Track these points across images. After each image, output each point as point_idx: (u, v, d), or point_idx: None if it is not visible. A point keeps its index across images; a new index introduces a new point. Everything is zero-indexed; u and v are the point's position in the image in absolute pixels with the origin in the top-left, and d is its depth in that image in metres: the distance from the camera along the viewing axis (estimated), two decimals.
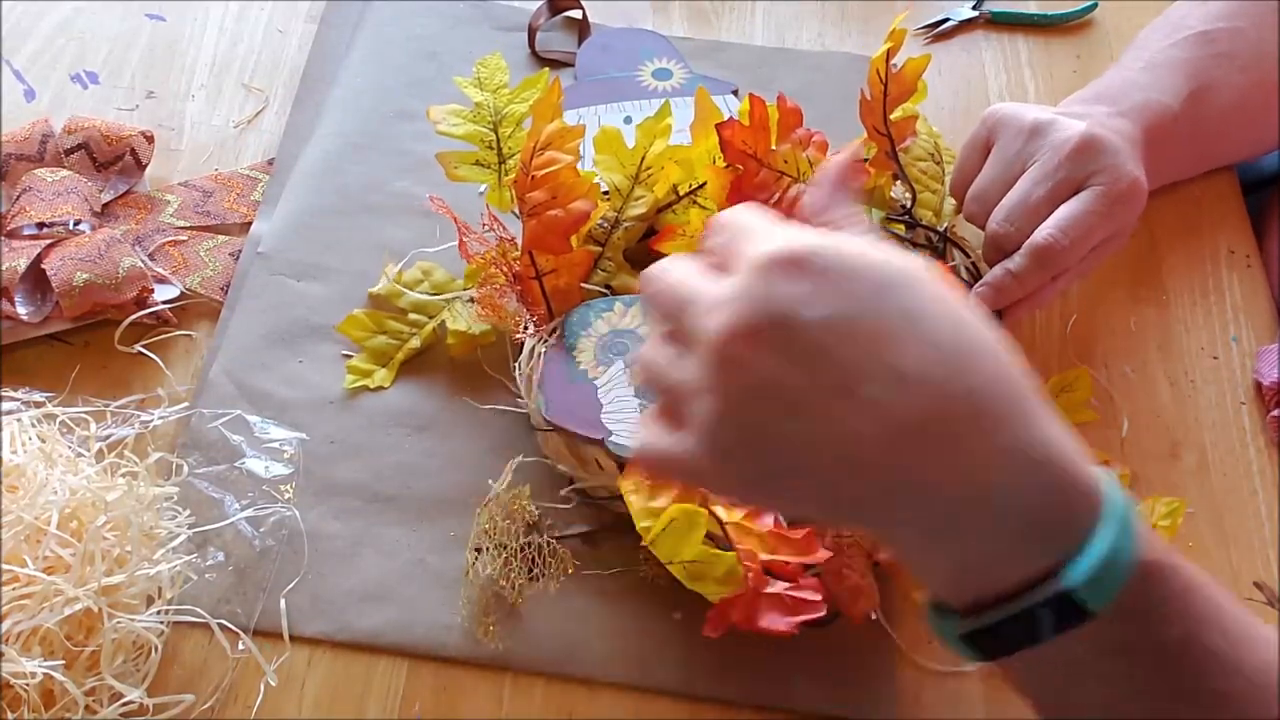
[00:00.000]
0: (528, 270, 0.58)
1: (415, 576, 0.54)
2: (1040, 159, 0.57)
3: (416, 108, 0.69)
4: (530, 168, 0.56)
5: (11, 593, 0.46)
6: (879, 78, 0.62)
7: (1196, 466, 0.61)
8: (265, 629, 0.52)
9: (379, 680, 0.52)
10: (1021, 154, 0.58)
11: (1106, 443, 0.62)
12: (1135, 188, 0.57)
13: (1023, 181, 0.57)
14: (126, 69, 0.70)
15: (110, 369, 0.58)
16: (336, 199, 0.66)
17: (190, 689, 0.50)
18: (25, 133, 0.64)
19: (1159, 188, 0.65)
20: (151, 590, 0.50)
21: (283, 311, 0.61)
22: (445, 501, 0.56)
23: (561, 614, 0.54)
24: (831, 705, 0.53)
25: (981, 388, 0.33)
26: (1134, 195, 0.57)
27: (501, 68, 0.62)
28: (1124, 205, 0.56)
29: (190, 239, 0.64)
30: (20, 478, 0.49)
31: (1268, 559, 0.59)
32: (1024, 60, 0.79)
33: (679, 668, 0.53)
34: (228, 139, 0.68)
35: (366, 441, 0.58)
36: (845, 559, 0.52)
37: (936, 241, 0.63)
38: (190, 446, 0.56)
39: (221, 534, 0.54)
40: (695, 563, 0.50)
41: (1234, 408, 0.64)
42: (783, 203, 0.61)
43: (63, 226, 0.61)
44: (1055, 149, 0.56)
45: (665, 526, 0.50)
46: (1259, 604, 0.57)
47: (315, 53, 0.72)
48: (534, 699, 0.52)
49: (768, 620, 0.48)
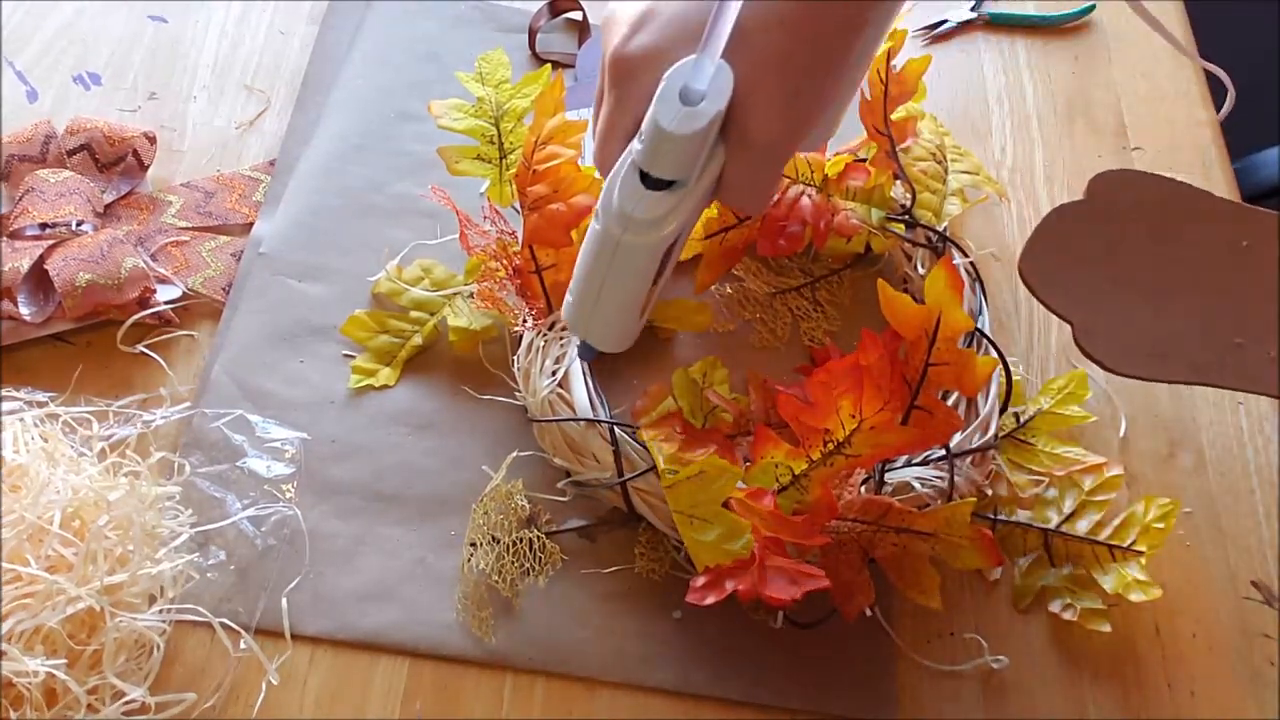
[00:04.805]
0: (528, 264, 0.58)
1: (416, 576, 0.54)
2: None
3: (418, 109, 0.69)
4: (532, 162, 0.56)
5: (14, 592, 0.46)
6: (879, 78, 0.62)
7: (1194, 466, 0.62)
8: (267, 628, 0.52)
9: (380, 679, 0.52)
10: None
11: (1105, 443, 0.62)
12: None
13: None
14: (129, 70, 0.70)
15: (112, 369, 0.59)
16: (338, 200, 0.66)
17: (192, 688, 0.50)
18: (28, 134, 0.64)
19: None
20: (153, 589, 0.50)
21: (284, 311, 0.62)
22: (446, 500, 0.57)
23: (561, 613, 0.54)
24: (830, 703, 0.53)
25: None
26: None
27: (503, 63, 0.62)
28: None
29: (192, 239, 0.64)
30: (23, 477, 0.49)
31: (1265, 559, 0.59)
32: (1022, 61, 0.79)
33: (678, 667, 0.53)
34: (230, 140, 0.69)
35: (367, 441, 0.58)
36: (840, 555, 0.52)
37: (936, 241, 0.63)
38: (192, 446, 0.56)
39: (223, 533, 0.54)
40: (706, 521, 0.50)
41: (1231, 408, 0.64)
42: (782, 203, 0.61)
43: (65, 227, 0.61)
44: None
45: (693, 475, 0.50)
46: (1257, 603, 0.58)
47: (317, 54, 0.73)
48: (534, 697, 0.52)
49: (774, 588, 0.48)
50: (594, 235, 0.47)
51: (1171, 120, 0.77)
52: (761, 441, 0.52)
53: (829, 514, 0.50)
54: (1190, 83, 0.80)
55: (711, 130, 0.43)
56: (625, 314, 0.50)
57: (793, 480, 0.51)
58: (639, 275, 0.48)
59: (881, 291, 0.48)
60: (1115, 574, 0.55)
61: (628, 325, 0.51)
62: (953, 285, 0.47)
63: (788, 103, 0.43)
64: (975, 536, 0.51)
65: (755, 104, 0.43)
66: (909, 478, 0.55)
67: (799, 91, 0.43)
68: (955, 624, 0.56)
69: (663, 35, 0.45)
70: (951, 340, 0.48)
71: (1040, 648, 0.56)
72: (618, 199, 0.45)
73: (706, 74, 0.42)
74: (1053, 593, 0.57)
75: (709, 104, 0.42)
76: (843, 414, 0.49)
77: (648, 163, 0.44)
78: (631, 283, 0.48)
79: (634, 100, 0.45)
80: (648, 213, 0.45)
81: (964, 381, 0.48)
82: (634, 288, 0.48)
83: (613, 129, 0.47)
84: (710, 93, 0.42)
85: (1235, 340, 0.53)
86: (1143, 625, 0.57)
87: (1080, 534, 0.57)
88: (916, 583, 0.52)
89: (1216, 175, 0.75)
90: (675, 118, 0.42)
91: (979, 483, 0.57)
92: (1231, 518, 0.60)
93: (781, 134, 0.44)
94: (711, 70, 0.42)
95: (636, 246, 0.46)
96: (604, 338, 0.52)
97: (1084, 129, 0.76)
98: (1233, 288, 0.55)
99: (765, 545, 0.49)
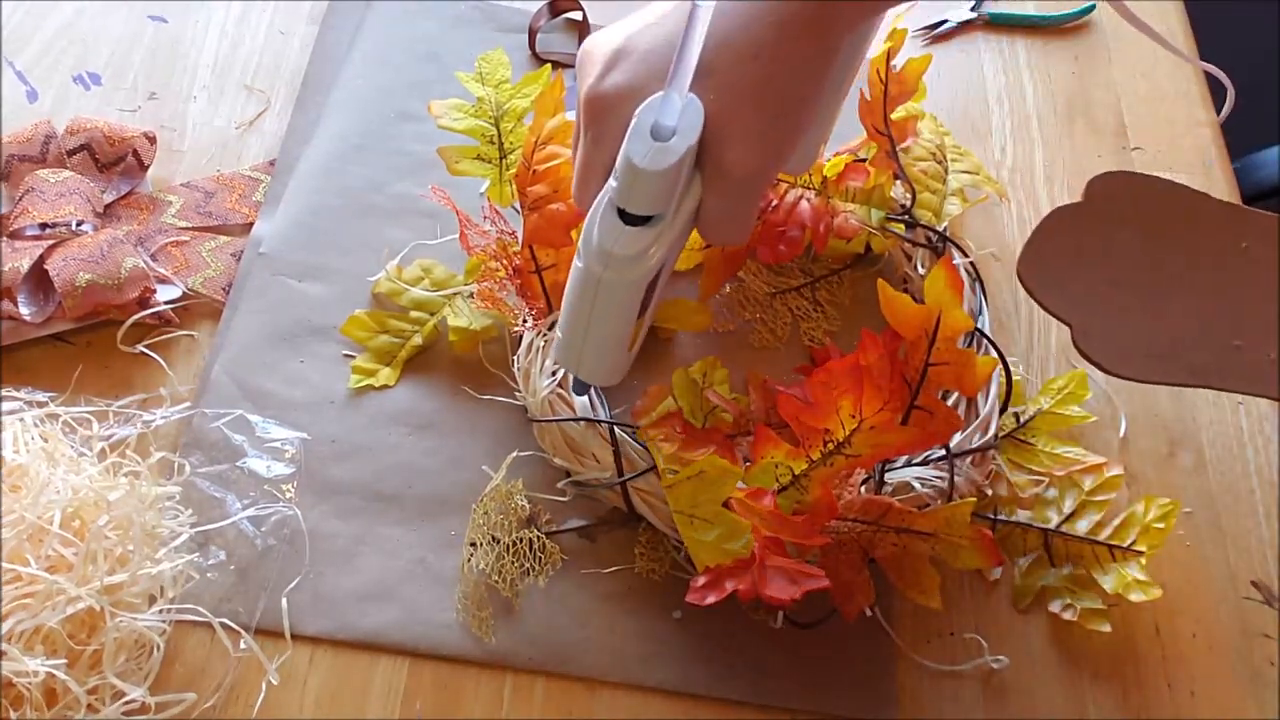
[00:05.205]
0: (528, 264, 0.58)
1: (416, 576, 0.54)
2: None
3: (418, 109, 0.69)
4: (531, 162, 0.56)
5: (14, 592, 0.46)
6: (879, 78, 0.62)
7: (1194, 466, 0.62)
8: (267, 628, 0.52)
9: (380, 679, 0.52)
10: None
11: (1105, 443, 0.62)
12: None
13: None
14: (129, 70, 0.70)
15: (112, 369, 0.59)
16: (338, 200, 0.66)
17: (192, 688, 0.50)
18: (28, 134, 0.64)
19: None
20: (153, 589, 0.50)
21: (284, 311, 0.62)
22: (446, 501, 0.57)
23: (561, 613, 0.54)
24: (830, 703, 0.53)
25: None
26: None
27: (503, 62, 0.62)
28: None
29: (192, 239, 0.64)
30: (23, 477, 0.49)
31: (1265, 559, 0.59)
32: (1022, 62, 0.79)
33: (678, 667, 0.53)
34: (230, 140, 0.68)
35: (367, 441, 0.58)
36: (840, 555, 0.52)
37: (936, 241, 0.63)
38: (192, 446, 0.56)
39: (223, 533, 0.54)
40: (706, 521, 0.50)
41: (1232, 408, 0.64)
42: (781, 208, 0.61)
43: (65, 227, 0.61)
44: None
45: (693, 475, 0.50)
46: (1257, 603, 0.58)
47: (317, 54, 0.73)
48: (534, 698, 0.52)
49: (774, 588, 0.48)
50: (577, 274, 0.47)
51: (1171, 120, 0.77)
52: (761, 441, 0.52)
53: (829, 514, 0.50)
54: (1190, 82, 0.80)
55: (684, 165, 0.43)
56: (614, 348, 0.50)
57: (793, 480, 0.51)
58: (624, 310, 0.48)
59: (881, 291, 0.48)
60: (1115, 574, 0.55)
61: (618, 359, 0.51)
62: (953, 285, 0.47)
63: (763, 134, 0.43)
64: (975, 536, 0.51)
65: (730, 136, 0.43)
66: (909, 478, 0.55)
67: (773, 122, 0.43)
68: (955, 624, 0.56)
69: (636, 73, 0.45)
70: (951, 340, 0.48)
71: (1040, 648, 0.56)
72: (598, 236, 0.45)
73: (676, 109, 0.42)
74: (1053, 593, 0.57)
75: (680, 139, 0.42)
76: (843, 414, 0.49)
77: (624, 199, 0.44)
78: (617, 318, 0.48)
79: (609, 138, 0.45)
80: (628, 249, 0.45)
81: (964, 381, 0.48)
82: (620, 322, 0.49)
83: (590, 167, 0.47)
84: (681, 128, 0.42)
85: (1234, 342, 0.53)
86: (1143, 625, 0.57)
87: (1080, 534, 0.57)
88: (916, 583, 0.52)
89: (1217, 175, 0.75)
90: (647, 154, 0.42)
91: (979, 483, 0.57)
92: (1232, 518, 0.60)
93: (758, 166, 0.44)
94: (680, 105, 0.42)
95: (619, 283, 0.46)
96: (594, 372, 0.52)
97: (1084, 129, 0.76)
98: (1231, 290, 0.54)
99: (765, 545, 0.49)
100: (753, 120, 0.43)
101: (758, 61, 0.42)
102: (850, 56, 0.49)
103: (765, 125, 0.43)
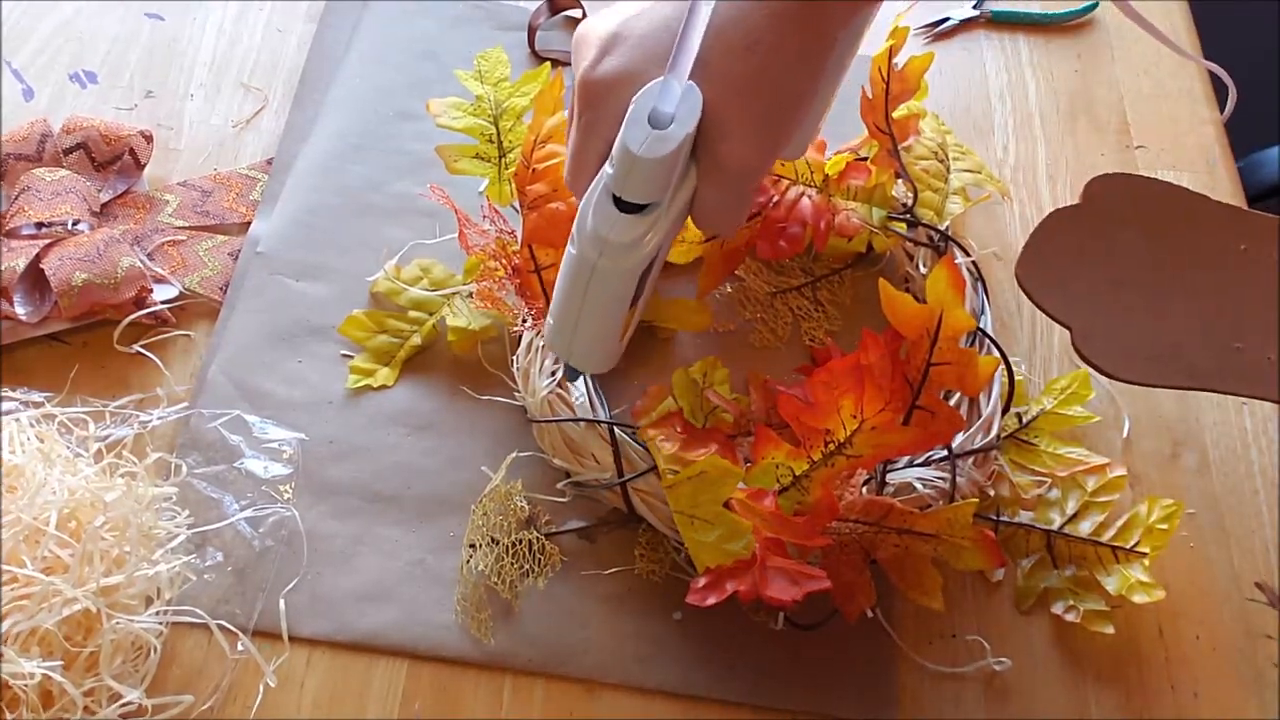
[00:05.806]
0: (527, 264, 0.58)
1: (415, 576, 0.54)
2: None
3: (416, 108, 0.69)
4: (531, 160, 0.56)
5: (10, 593, 0.46)
6: (881, 76, 0.62)
7: (1198, 467, 0.61)
8: (264, 629, 0.52)
9: (378, 680, 0.52)
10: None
11: (1108, 444, 0.62)
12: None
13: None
14: (125, 69, 0.70)
15: (109, 369, 0.58)
16: (336, 199, 0.66)
17: (189, 689, 0.50)
18: (24, 132, 0.64)
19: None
20: (150, 591, 0.50)
21: (282, 311, 0.61)
22: (445, 501, 0.56)
23: (561, 614, 0.54)
24: (831, 705, 0.53)
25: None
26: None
27: (503, 61, 0.62)
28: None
29: (189, 239, 0.64)
30: (19, 478, 0.49)
31: (1269, 560, 0.59)
32: (1024, 60, 0.79)
33: (678, 668, 0.53)
34: (227, 138, 0.68)
35: (366, 441, 0.58)
36: (841, 556, 0.52)
37: (938, 240, 0.63)
38: (189, 447, 0.56)
39: (220, 534, 0.54)
40: (707, 522, 0.50)
41: (1235, 409, 0.64)
42: (782, 205, 0.61)
43: (61, 226, 0.61)
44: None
45: (694, 475, 0.50)
46: (1260, 604, 0.57)
47: (314, 52, 0.72)
48: (533, 699, 0.52)
49: (775, 589, 0.48)
50: (570, 260, 0.47)
51: (1175, 118, 0.77)
52: (762, 442, 0.51)
53: (830, 515, 0.50)
54: (1193, 81, 0.79)
55: (681, 153, 0.42)
56: (606, 336, 0.50)
57: (794, 481, 0.51)
58: (617, 298, 0.48)
59: (883, 291, 0.48)
60: (1118, 575, 0.55)
61: (609, 346, 0.51)
62: (954, 284, 0.46)
63: (758, 126, 0.43)
64: (977, 537, 0.51)
65: (725, 127, 0.43)
66: (911, 478, 0.54)
67: (768, 114, 0.43)
68: (957, 625, 0.56)
69: (632, 58, 0.44)
70: (953, 340, 0.47)
71: (1043, 649, 0.56)
72: (592, 223, 0.45)
73: (674, 96, 0.42)
74: (1055, 594, 0.56)
75: (678, 127, 0.42)
76: (844, 414, 0.49)
77: (619, 186, 0.44)
78: (610, 305, 0.48)
79: (604, 124, 0.45)
80: (622, 236, 0.44)
81: (966, 381, 0.48)
82: (613, 310, 0.48)
83: (584, 153, 0.47)
84: (679, 115, 0.42)
85: (1234, 345, 0.53)
86: (1146, 627, 0.57)
87: (1083, 535, 0.57)
88: (918, 584, 0.52)
89: (1220, 174, 0.74)
90: (644, 141, 0.42)
91: (981, 483, 0.56)
92: (1235, 519, 0.60)
93: (753, 157, 0.44)
94: (679, 92, 0.42)
95: (613, 270, 0.46)
96: (586, 359, 0.52)
97: (1087, 127, 0.76)
98: (1232, 291, 0.54)
99: (766, 546, 0.49)
100: (748, 113, 0.43)
101: (753, 54, 0.42)
102: (846, 49, 0.49)
103: (760, 118, 0.43)
